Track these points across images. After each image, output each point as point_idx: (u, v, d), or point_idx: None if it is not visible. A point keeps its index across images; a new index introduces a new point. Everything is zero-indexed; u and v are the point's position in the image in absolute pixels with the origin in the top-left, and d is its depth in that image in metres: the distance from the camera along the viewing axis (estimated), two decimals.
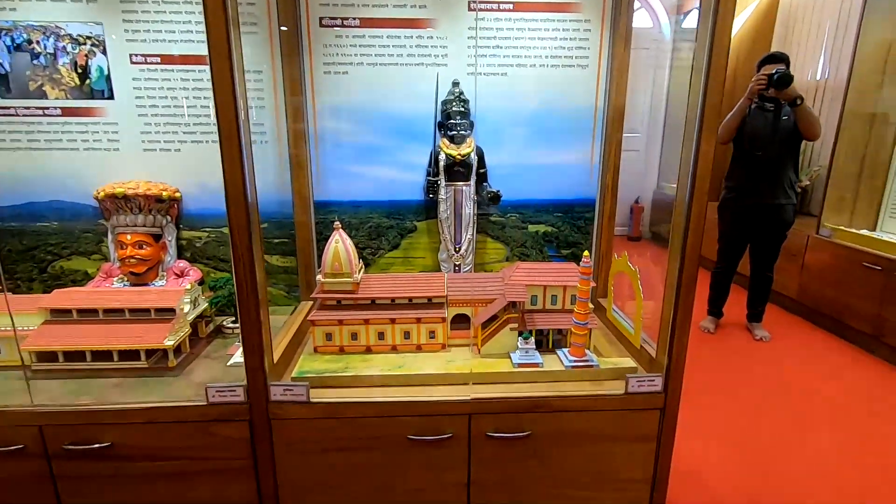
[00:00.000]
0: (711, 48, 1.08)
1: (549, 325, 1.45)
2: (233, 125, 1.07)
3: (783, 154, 2.77)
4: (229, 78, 1.05)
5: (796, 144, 2.77)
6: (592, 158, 1.75)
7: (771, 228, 2.90)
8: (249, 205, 1.14)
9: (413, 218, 1.79)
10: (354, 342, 1.46)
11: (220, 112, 1.06)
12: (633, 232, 5.70)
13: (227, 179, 1.11)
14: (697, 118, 1.13)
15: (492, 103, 1.69)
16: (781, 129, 2.72)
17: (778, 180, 2.80)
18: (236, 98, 1.06)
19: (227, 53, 1.04)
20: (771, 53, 2.75)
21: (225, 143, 1.08)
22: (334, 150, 1.71)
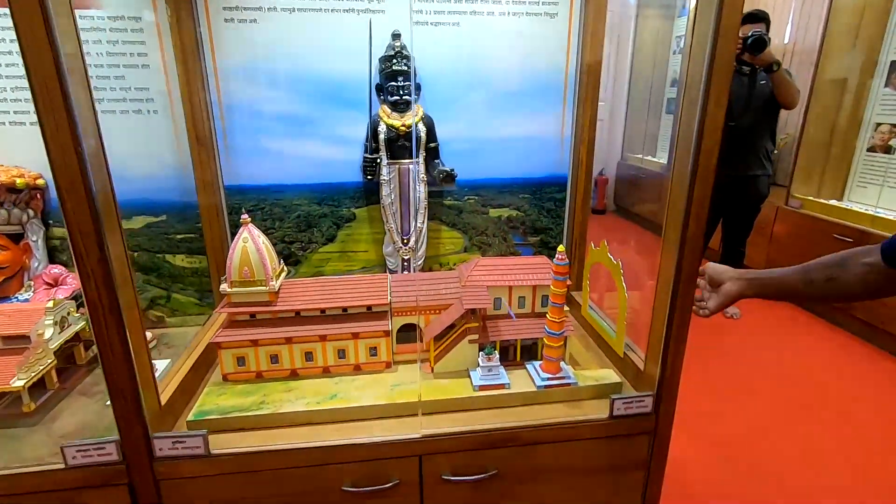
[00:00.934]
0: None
1: (517, 336, 1.19)
2: (52, 81, 0.73)
3: (759, 122, 2.59)
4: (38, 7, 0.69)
5: (774, 112, 2.59)
6: (563, 129, 1.48)
7: (744, 202, 2.75)
8: (97, 198, 0.81)
9: (350, 204, 1.47)
10: (275, 366, 1.16)
11: (28, 63, 0.71)
12: (598, 205, 5.54)
13: (53, 165, 0.77)
14: (704, 74, 0.86)
15: (443, 61, 1.38)
16: (757, 95, 2.53)
17: (752, 150, 2.63)
18: (53, 39, 0.71)
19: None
20: (749, 12, 2.52)
21: (43, 111, 0.74)
22: (246, 122, 1.36)
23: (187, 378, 1.14)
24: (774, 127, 2.68)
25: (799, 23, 3.84)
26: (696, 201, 0.93)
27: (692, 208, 0.93)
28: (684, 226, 0.95)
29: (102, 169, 0.83)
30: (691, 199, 0.93)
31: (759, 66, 2.46)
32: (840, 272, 0.89)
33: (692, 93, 0.90)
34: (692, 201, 0.93)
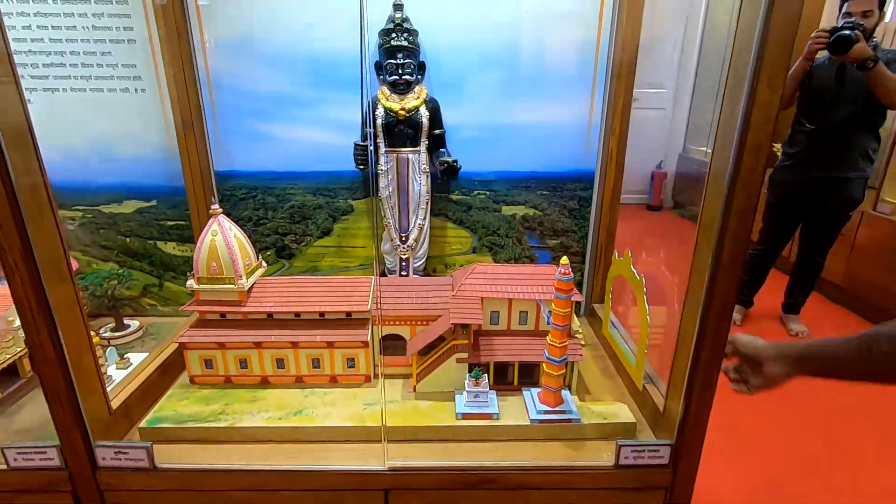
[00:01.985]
0: None
1: (513, 358, 1.03)
2: None
3: (856, 115, 2.20)
4: None
5: (873, 107, 2.18)
6: (591, 117, 1.27)
7: (831, 207, 2.37)
8: (16, 184, 0.72)
9: (348, 195, 1.35)
10: (244, 371, 1.06)
11: None
12: (654, 201, 5.14)
13: None
14: (755, 48, 0.65)
15: (452, 37, 1.21)
16: (853, 85, 2.15)
17: (847, 148, 2.25)
18: None
19: None
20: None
21: None
22: (237, 102, 1.26)
23: (153, 378, 1.07)
24: (877, 121, 2.26)
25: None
26: (736, 213, 0.72)
27: (729, 222, 0.72)
28: (718, 245, 0.74)
29: (29, 151, 0.74)
30: (729, 210, 0.72)
31: (849, 62, 2.08)
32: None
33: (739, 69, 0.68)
34: (730, 213, 0.72)
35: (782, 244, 2.62)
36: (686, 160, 5.00)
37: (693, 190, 4.86)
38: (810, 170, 2.33)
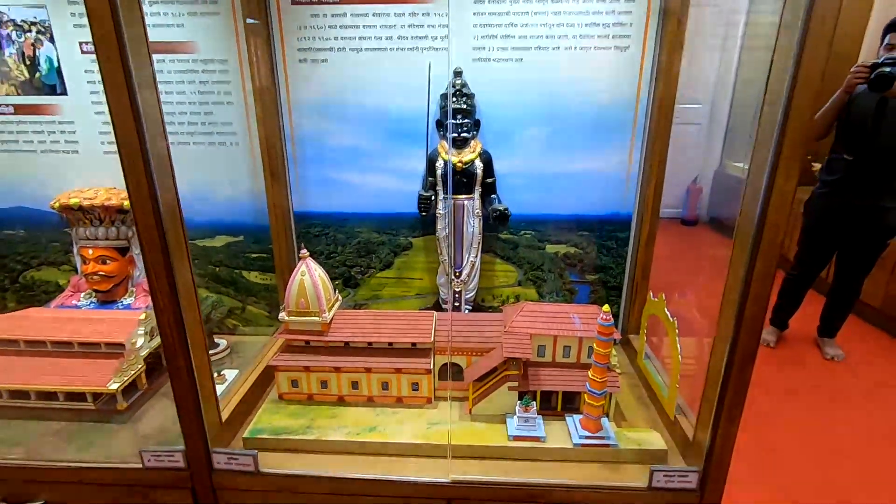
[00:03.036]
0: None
1: (558, 388, 1.17)
2: (127, 115, 0.82)
3: (890, 151, 2.24)
4: (117, 52, 0.78)
5: None
6: (630, 166, 1.40)
7: (869, 234, 2.40)
8: (168, 235, 0.91)
9: (408, 233, 1.52)
10: (324, 391, 1.24)
11: (110, 98, 0.81)
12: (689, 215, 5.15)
13: (133, 206, 0.88)
14: (790, 73, 0.74)
15: (503, 97, 1.36)
16: (889, 122, 2.19)
17: (882, 182, 2.28)
18: (130, 77, 0.80)
19: (110, 18, 0.77)
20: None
21: (121, 142, 0.84)
22: (315, 153, 1.45)
23: (248, 394, 1.26)
24: None
25: None
26: (768, 235, 0.82)
27: (760, 250, 0.83)
28: (745, 285, 0.86)
29: (174, 209, 0.93)
30: (759, 237, 0.82)
31: (890, 97, 2.12)
32: None
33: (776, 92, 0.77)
34: (761, 241, 0.83)
35: (818, 269, 2.65)
36: (722, 175, 4.99)
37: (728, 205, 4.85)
38: (848, 198, 2.37)
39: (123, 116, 0.82)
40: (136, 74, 0.81)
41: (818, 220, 2.52)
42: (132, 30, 0.79)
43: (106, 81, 0.80)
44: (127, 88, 0.80)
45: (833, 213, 2.44)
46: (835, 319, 2.72)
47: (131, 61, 0.80)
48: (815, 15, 0.72)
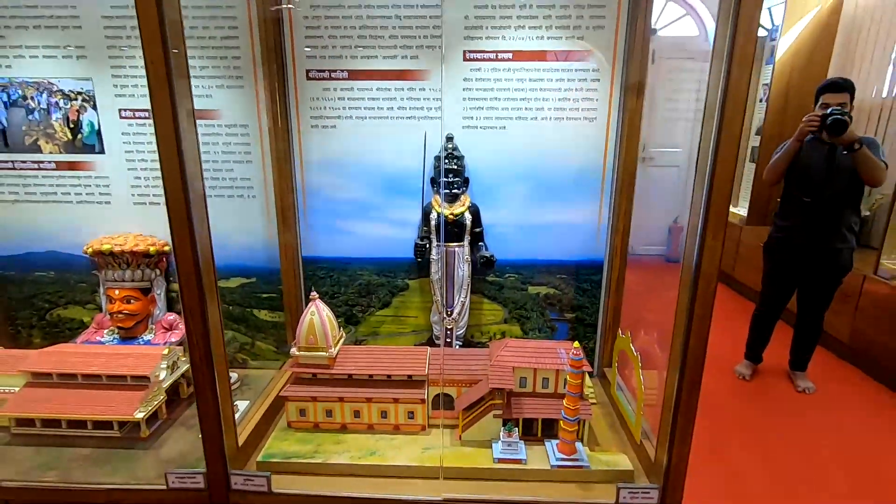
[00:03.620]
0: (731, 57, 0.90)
1: (537, 415, 1.32)
2: (177, 179, 0.99)
3: (841, 194, 2.46)
4: (172, 129, 0.97)
5: (858, 184, 2.45)
6: (601, 218, 1.60)
7: (823, 274, 2.60)
8: (203, 281, 1.07)
9: (405, 276, 1.69)
10: (329, 419, 1.38)
11: (163, 164, 0.99)
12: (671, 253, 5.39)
13: (179, 266, 1.05)
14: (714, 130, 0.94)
15: (489, 158, 1.56)
16: (839, 168, 2.42)
17: (834, 224, 2.50)
18: (181, 152, 0.98)
19: (169, 105, 0.96)
20: (832, 80, 2.44)
21: (171, 198, 1.01)
22: (323, 204, 1.63)
23: (260, 422, 1.40)
24: (859, 200, 2.53)
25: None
26: (701, 298, 1.01)
27: (696, 301, 1.01)
28: (688, 323, 1.03)
29: (209, 254, 1.09)
30: (695, 295, 1.01)
31: (838, 144, 2.37)
32: None
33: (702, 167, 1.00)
34: (695, 303, 1.01)
35: (781, 305, 2.84)
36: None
37: None
38: (803, 241, 2.58)
39: (171, 170, 0.99)
40: (184, 138, 0.98)
41: (776, 261, 2.72)
42: (182, 100, 0.98)
43: (158, 134, 0.97)
44: (176, 148, 0.98)
45: (790, 254, 2.64)
46: (803, 353, 2.89)
47: (182, 124, 0.98)
48: (726, 117, 0.92)
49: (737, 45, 0.89)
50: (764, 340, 2.98)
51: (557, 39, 1.46)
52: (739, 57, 0.90)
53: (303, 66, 1.52)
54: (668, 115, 3.98)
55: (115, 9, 1.47)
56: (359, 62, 1.50)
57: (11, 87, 1.54)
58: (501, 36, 1.46)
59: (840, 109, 2.31)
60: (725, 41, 0.91)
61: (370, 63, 1.50)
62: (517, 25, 1.45)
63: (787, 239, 2.64)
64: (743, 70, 0.91)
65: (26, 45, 1.51)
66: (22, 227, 1.66)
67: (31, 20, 1.49)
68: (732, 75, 0.91)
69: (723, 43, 0.92)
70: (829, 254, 2.53)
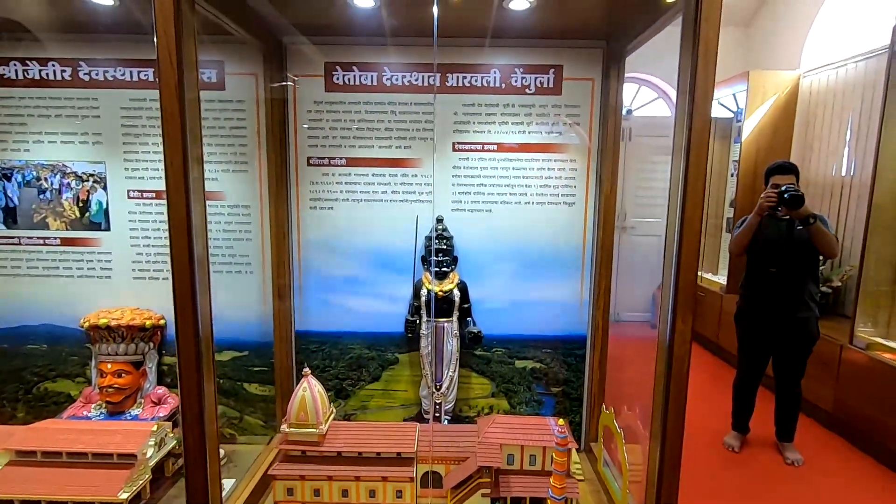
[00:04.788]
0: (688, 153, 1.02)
1: (525, 493, 1.33)
2: (185, 261, 1.06)
3: (800, 266, 2.61)
4: (185, 216, 1.04)
5: (815, 255, 2.62)
6: (582, 294, 1.68)
7: (793, 343, 2.69)
8: (202, 362, 1.11)
9: (395, 350, 1.73)
10: (317, 499, 1.37)
11: (173, 246, 1.05)
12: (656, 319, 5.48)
13: (177, 309, 1.08)
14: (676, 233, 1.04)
15: (476, 239, 1.67)
16: (797, 241, 2.59)
17: (796, 293, 2.63)
18: (191, 238, 1.05)
19: (182, 192, 1.04)
20: (779, 164, 2.67)
21: (177, 277, 1.07)
22: (317, 281, 1.70)
23: (247, 502, 1.38)
24: (816, 270, 2.68)
25: (856, 154, 3.89)
26: (676, 378, 1.07)
27: (671, 381, 1.07)
28: (665, 403, 1.09)
29: (209, 334, 1.14)
30: (670, 374, 1.07)
31: (794, 218, 2.54)
32: None
33: (669, 253, 1.08)
34: (671, 378, 1.07)
35: (759, 373, 2.89)
36: None
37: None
38: (768, 309, 2.69)
39: (180, 246, 1.06)
40: (193, 201, 1.06)
41: (746, 330, 2.82)
42: (195, 175, 1.07)
43: (171, 202, 1.04)
44: (186, 225, 1.06)
45: (757, 322, 2.74)
46: (786, 422, 2.91)
47: (192, 204, 1.06)
48: (687, 212, 1.04)
49: (694, 127, 1.03)
50: (748, 409, 3.00)
51: (538, 133, 1.61)
52: (697, 138, 1.03)
53: (304, 153, 1.64)
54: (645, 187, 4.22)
55: (134, 101, 1.60)
56: (356, 150, 1.63)
57: (27, 168, 1.64)
58: (487, 130, 1.61)
59: (794, 187, 2.51)
60: (684, 126, 1.04)
61: (367, 152, 1.63)
62: (501, 121, 1.60)
63: (752, 308, 2.75)
64: (700, 151, 1.03)
65: (46, 130, 1.63)
66: (21, 301, 1.69)
67: (53, 109, 1.61)
68: (692, 154, 1.03)
69: (681, 128, 1.05)
70: (794, 323, 2.63)
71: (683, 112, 1.05)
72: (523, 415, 1.72)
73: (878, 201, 3.08)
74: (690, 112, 1.03)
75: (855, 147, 3.89)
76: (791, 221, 2.60)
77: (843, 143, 3.98)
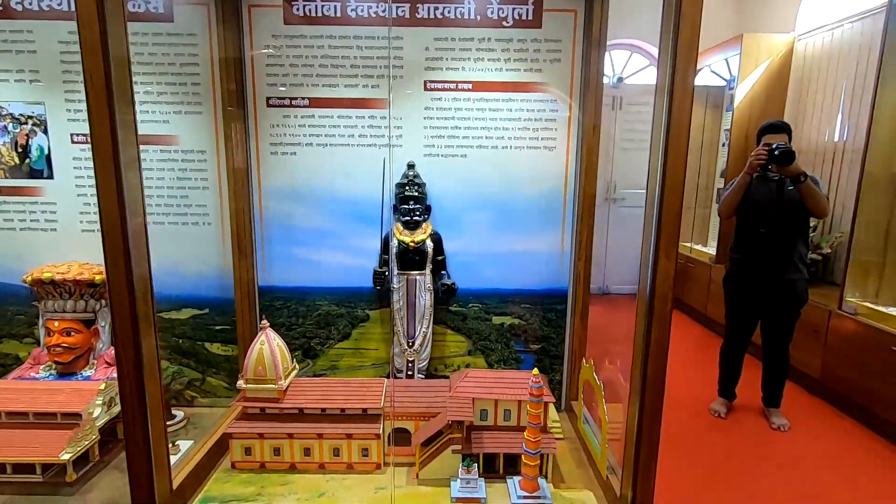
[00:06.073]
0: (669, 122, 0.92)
1: (498, 450, 1.25)
2: (112, 194, 0.94)
3: (790, 228, 2.54)
4: (111, 150, 0.92)
5: (805, 217, 2.54)
6: (563, 245, 1.59)
7: (781, 305, 2.64)
8: (136, 291, 1.00)
9: (365, 306, 1.64)
10: (277, 458, 1.29)
11: (98, 179, 0.94)
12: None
13: (107, 258, 0.98)
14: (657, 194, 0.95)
15: (451, 186, 1.56)
16: (787, 201, 2.51)
17: (786, 255, 2.56)
18: (118, 160, 0.93)
19: (108, 131, 0.92)
20: (771, 123, 2.58)
21: (104, 217, 0.96)
22: (281, 233, 1.59)
23: (202, 462, 1.29)
24: (807, 232, 2.61)
25: (849, 119, 3.80)
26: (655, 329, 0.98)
27: (653, 324, 0.98)
28: (647, 333, 1.00)
29: (146, 282, 1.03)
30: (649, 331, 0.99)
31: (785, 176, 2.46)
32: None
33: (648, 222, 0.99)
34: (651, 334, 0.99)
35: (746, 338, 2.85)
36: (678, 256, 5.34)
37: (681, 282, 5.17)
38: (758, 271, 2.62)
39: (108, 195, 0.95)
40: (124, 158, 0.95)
41: (735, 294, 2.76)
42: (125, 127, 0.94)
43: (97, 164, 0.93)
44: (115, 171, 0.94)
45: (746, 285, 2.68)
46: (773, 388, 2.87)
47: (121, 149, 0.94)
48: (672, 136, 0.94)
49: (677, 76, 0.92)
50: (734, 375, 2.96)
51: (516, 71, 1.49)
52: (680, 87, 0.92)
53: (263, 93, 1.51)
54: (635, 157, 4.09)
55: (73, 34, 1.46)
56: (319, 90, 1.50)
57: None
58: (461, 67, 1.49)
59: (785, 143, 2.42)
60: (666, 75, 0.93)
61: (331, 91, 1.51)
62: (476, 58, 1.48)
63: (741, 271, 2.69)
64: (684, 101, 0.93)
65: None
66: None
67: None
68: (674, 105, 0.93)
69: (664, 77, 0.94)
70: (783, 285, 2.57)
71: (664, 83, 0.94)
72: None
73: (870, 167, 3.00)
74: (671, 85, 0.92)
75: (849, 112, 3.79)
76: (781, 181, 2.52)
77: (837, 109, 3.88)
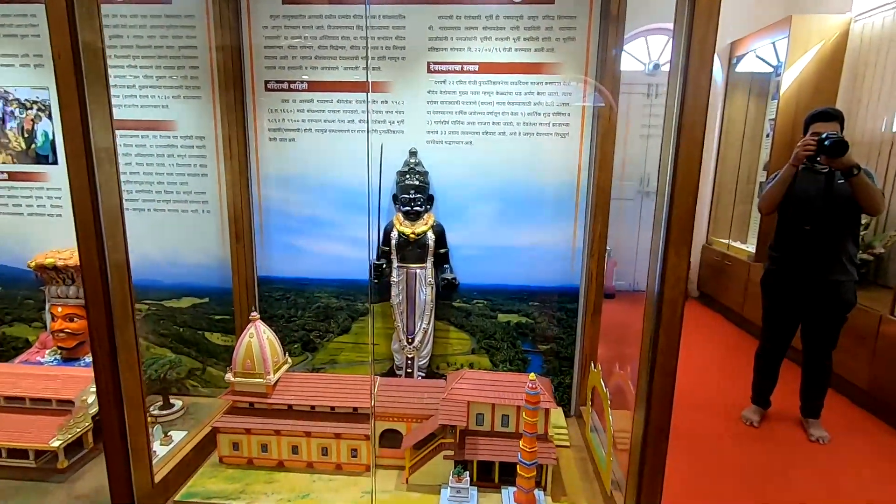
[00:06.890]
0: (682, 108, 0.81)
1: (494, 458, 1.17)
2: (84, 185, 0.90)
3: (838, 224, 2.30)
4: (80, 132, 0.88)
5: (856, 213, 2.30)
6: (575, 241, 1.48)
7: (826, 309, 2.41)
8: (111, 278, 0.96)
9: (366, 299, 1.57)
10: (264, 455, 1.25)
11: (70, 167, 0.90)
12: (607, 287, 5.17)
13: (79, 242, 0.94)
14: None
15: (455, 175, 1.47)
16: (836, 196, 2.28)
17: (833, 254, 2.33)
18: (90, 147, 0.89)
19: (76, 103, 0.87)
20: (821, 110, 2.33)
21: (75, 201, 0.91)
22: (280, 222, 1.55)
23: (190, 456, 1.26)
24: (857, 230, 2.37)
25: None
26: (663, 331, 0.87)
27: (660, 331, 0.88)
28: (654, 342, 0.89)
29: (122, 269, 1.00)
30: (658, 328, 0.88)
31: (835, 169, 2.23)
32: None
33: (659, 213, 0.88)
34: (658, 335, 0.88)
35: (784, 343, 2.63)
36: (709, 251, 5.08)
37: (718, 280, 4.91)
38: (801, 272, 2.39)
39: (79, 177, 0.91)
40: (96, 140, 0.90)
41: (774, 296, 2.53)
42: (97, 105, 0.90)
43: (67, 147, 0.89)
44: (85, 153, 0.89)
45: (788, 287, 2.46)
46: (813, 398, 2.66)
47: (94, 131, 0.90)
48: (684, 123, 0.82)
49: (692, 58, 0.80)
50: (770, 382, 2.75)
51: (526, 52, 1.38)
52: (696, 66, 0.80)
53: (261, 77, 1.46)
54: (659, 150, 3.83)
55: None
56: (319, 73, 1.44)
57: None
58: (467, 47, 1.39)
59: (836, 134, 2.19)
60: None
61: (330, 74, 1.44)
62: (483, 36, 1.38)
63: (783, 271, 2.46)
64: (700, 80, 0.81)
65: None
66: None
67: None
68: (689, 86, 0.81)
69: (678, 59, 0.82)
70: (829, 287, 2.34)
71: None
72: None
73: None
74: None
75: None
76: (831, 173, 2.28)
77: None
